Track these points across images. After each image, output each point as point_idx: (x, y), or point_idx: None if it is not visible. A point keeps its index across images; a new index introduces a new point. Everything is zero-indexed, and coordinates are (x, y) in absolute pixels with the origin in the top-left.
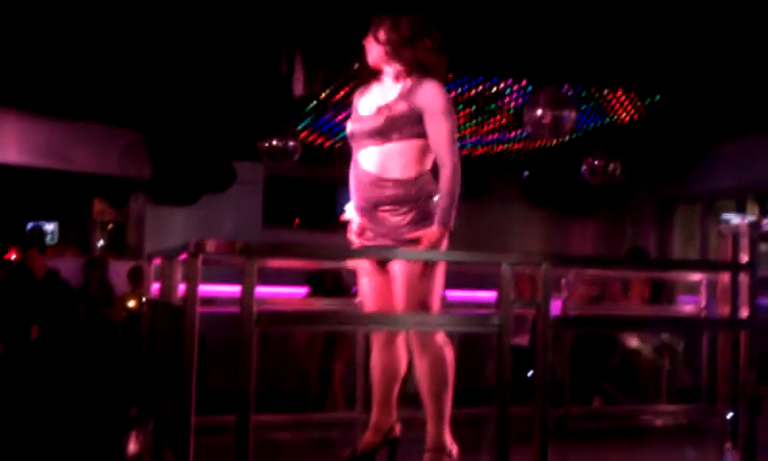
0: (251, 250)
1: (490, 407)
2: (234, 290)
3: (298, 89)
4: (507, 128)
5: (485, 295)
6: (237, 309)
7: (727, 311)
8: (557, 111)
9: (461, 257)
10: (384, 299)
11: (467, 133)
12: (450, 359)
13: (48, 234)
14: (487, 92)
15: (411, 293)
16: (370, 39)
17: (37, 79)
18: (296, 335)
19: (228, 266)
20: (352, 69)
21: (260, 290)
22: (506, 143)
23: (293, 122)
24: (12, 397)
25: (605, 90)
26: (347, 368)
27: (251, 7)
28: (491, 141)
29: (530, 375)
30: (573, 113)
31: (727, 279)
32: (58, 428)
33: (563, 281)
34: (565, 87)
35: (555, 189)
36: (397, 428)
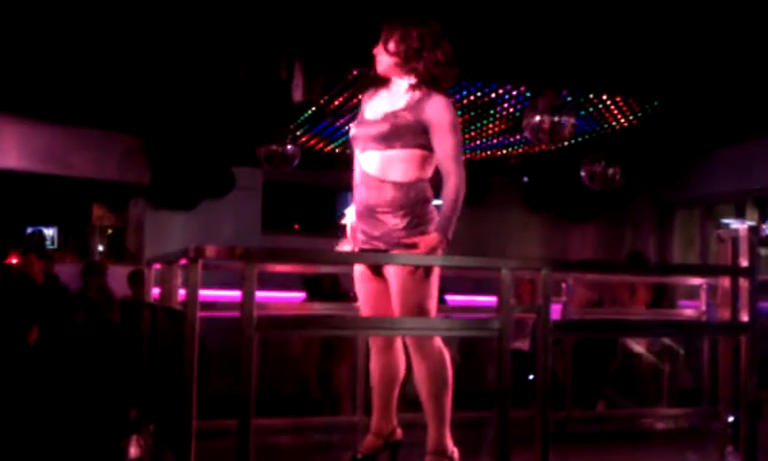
0: (251, 254)
1: (490, 411)
2: (234, 295)
3: (297, 95)
4: (506, 133)
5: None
6: (237, 314)
7: (727, 315)
8: (556, 117)
9: (461, 262)
10: (379, 304)
11: (466, 138)
12: (449, 362)
13: (47, 239)
14: (486, 98)
15: (407, 297)
16: (380, 49)
17: (37, 84)
18: (292, 339)
19: (228, 271)
20: (351, 75)
21: (258, 294)
22: (505, 148)
23: (292, 128)
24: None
25: (604, 95)
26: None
27: (250, 13)
28: (490, 146)
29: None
30: (572, 119)
31: (727, 283)
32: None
33: (563, 286)
34: (564, 93)
35: (554, 194)
36: (399, 432)
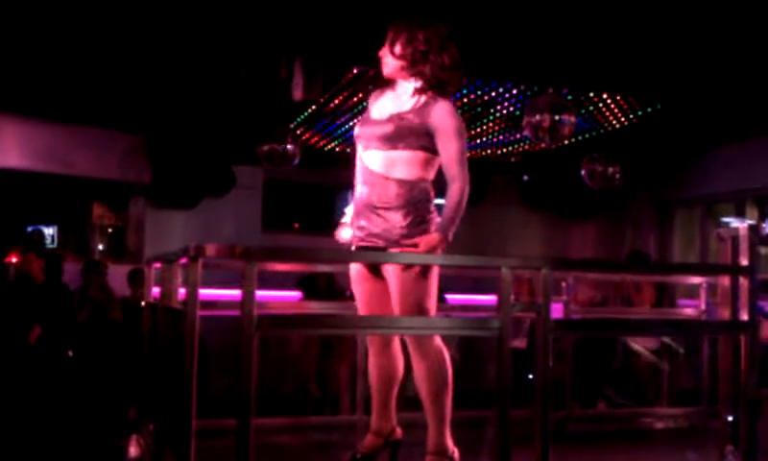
0: (251, 253)
1: (490, 410)
2: (234, 294)
3: (297, 94)
4: (506, 132)
5: (484, 298)
6: (237, 313)
7: (727, 314)
8: (556, 116)
9: (461, 261)
10: (376, 304)
11: (466, 138)
12: (449, 361)
13: (48, 238)
14: (486, 96)
15: (407, 296)
16: (385, 51)
17: (38, 83)
18: (292, 338)
19: (228, 270)
20: (351, 74)
21: (258, 294)
22: (505, 147)
23: (292, 127)
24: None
25: (604, 94)
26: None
27: (250, 11)
28: (490, 145)
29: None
30: (572, 118)
31: (727, 282)
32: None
33: (563, 285)
34: (564, 92)
35: (555, 193)
36: (399, 431)
